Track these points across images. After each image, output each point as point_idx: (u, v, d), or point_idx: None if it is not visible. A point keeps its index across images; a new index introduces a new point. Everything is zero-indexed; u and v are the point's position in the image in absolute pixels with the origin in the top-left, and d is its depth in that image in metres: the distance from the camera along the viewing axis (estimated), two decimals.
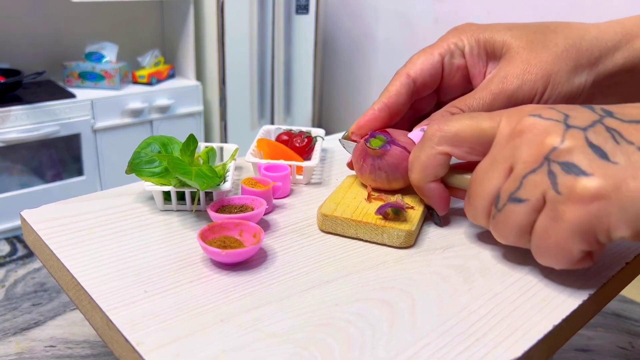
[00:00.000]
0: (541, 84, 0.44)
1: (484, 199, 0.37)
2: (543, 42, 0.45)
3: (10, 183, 1.58)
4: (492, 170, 0.36)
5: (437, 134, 0.40)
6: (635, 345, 1.23)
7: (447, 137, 0.39)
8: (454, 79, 0.49)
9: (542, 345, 0.33)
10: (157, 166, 0.46)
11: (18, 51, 1.73)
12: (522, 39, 0.45)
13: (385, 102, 0.47)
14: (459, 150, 0.39)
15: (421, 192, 0.43)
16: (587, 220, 0.32)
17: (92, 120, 1.64)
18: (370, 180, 0.46)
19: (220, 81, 1.88)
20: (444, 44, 0.48)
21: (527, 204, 0.34)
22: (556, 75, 0.44)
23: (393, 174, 0.45)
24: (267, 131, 0.60)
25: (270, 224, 0.45)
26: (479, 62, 0.47)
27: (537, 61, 0.44)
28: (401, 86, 0.47)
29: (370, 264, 0.39)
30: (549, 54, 0.44)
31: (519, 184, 0.34)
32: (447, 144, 0.39)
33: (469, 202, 0.39)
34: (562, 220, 0.32)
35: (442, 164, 0.40)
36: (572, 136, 0.33)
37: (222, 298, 0.34)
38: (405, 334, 0.32)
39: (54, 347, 1.13)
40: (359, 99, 2.29)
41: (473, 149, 0.39)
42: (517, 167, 0.35)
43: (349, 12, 2.24)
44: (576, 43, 0.44)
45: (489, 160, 0.37)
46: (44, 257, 0.41)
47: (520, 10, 1.71)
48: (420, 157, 0.41)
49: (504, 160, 0.36)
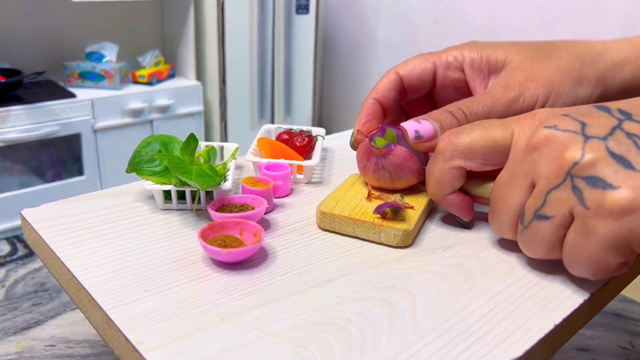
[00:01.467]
0: (543, 92, 0.43)
1: (508, 215, 0.37)
2: (547, 55, 0.45)
3: (11, 183, 1.58)
4: (512, 185, 0.36)
5: (449, 148, 0.39)
6: (636, 344, 1.23)
7: (460, 150, 0.39)
8: (447, 91, 0.49)
9: (543, 345, 0.32)
10: (157, 165, 0.46)
11: (18, 51, 1.73)
12: (526, 53, 0.45)
13: (374, 97, 0.48)
14: (473, 162, 0.39)
15: (441, 205, 0.42)
16: (620, 234, 0.31)
17: (93, 120, 1.64)
18: (374, 179, 0.46)
19: (220, 81, 1.88)
20: (443, 55, 0.48)
21: (554, 220, 0.33)
22: (559, 85, 0.43)
23: (397, 173, 0.45)
24: (268, 130, 0.60)
25: (271, 223, 0.44)
26: (479, 74, 0.47)
27: (540, 71, 0.44)
28: (389, 82, 0.48)
29: (370, 263, 0.39)
30: (552, 65, 0.44)
31: (543, 201, 0.34)
32: (460, 158, 0.39)
33: (493, 217, 0.38)
34: (594, 236, 0.32)
35: (457, 177, 0.40)
36: (592, 148, 0.32)
37: (223, 297, 0.34)
38: (406, 333, 0.32)
39: (54, 347, 1.13)
40: (359, 99, 2.29)
41: (487, 160, 0.38)
42: (540, 184, 0.34)
43: (349, 12, 2.24)
44: (581, 57, 0.44)
45: (507, 175, 0.36)
46: (44, 257, 0.41)
47: (520, 11, 1.71)
48: (434, 172, 0.40)
49: (524, 175, 0.35)
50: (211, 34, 1.84)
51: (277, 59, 2.00)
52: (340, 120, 2.41)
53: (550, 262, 0.40)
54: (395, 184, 0.46)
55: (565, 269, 0.36)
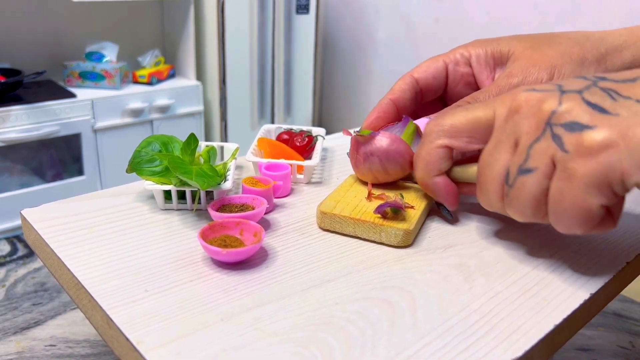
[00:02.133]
0: (546, 75, 0.44)
1: (494, 180, 0.37)
2: (547, 42, 0.46)
3: (11, 183, 1.58)
4: (497, 151, 0.37)
5: (434, 129, 0.40)
6: (636, 344, 1.23)
7: (444, 130, 0.40)
8: (458, 86, 0.50)
9: (543, 345, 0.32)
10: (157, 165, 0.46)
11: (18, 51, 1.73)
12: (527, 42, 0.47)
13: (390, 98, 0.49)
14: (458, 141, 0.40)
15: (428, 189, 0.43)
16: (599, 171, 0.31)
17: (93, 120, 1.64)
18: (367, 171, 0.46)
19: (220, 81, 1.88)
20: (450, 54, 0.50)
21: (537, 172, 0.34)
22: (561, 67, 0.44)
23: (387, 159, 0.45)
24: (268, 130, 0.60)
25: (271, 223, 0.45)
26: (486, 68, 0.49)
27: (541, 57, 0.45)
28: (404, 84, 0.49)
29: (370, 263, 0.39)
30: (553, 51, 0.45)
31: (526, 155, 0.34)
32: (445, 137, 0.40)
33: (480, 188, 0.39)
34: (575, 177, 0.32)
35: (444, 157, 0.41)
36: (568, 99, 0.33)
37: (223, 297, 0.34)
38: (406, 333, 0.32)
39: (54, 347, 1.13)
40: (359, 99, 2.29)
41: (472, 138, 0.39)
42: (521, 140, 0.35)
43: (350, 11, 2.24)
44: (580, 42, 0.46)
45: (492, 143, 0.37)
46: (44, 256, 0.41)
47: (520, 10, 1.71)
48: (421, 154, 0.42)
49: (507, 139, 0.36)
50: (211, 34, 1.84)
51: (277, 59, 2.00)
52: (340, 120, 2.41)
53: (550, 263, 0.40)
54: (389, 172, 0.46)
55: (565, 269, 0.36)
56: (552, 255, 0.41)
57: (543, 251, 0.41)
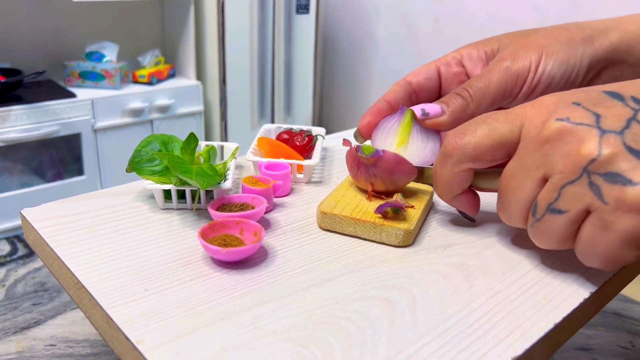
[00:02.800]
0: (535, 55, 0.45)
1: (518, 207, 0.36)
2: (533, 32, 0.48)
3: (11, 183, 1.58)
4: (523, 177, 0.35)
5: (456, 152, 0.38)
6: (636, 344, 1.23)
7: (467, 153, 0.38)
8: (452, 85, 0.51)
9: (543, 344, 0.32)
10: (157, 164, 0.46)
11: (18, 51, 1.73)
12: (515, 34, 0.48)
13: (385, 99, 0.50)
14: (482, 163, 0.38)
15: (450, 204, 0.42)
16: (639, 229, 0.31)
17: (93, 119, 1.64)
18: (368, 184, 0.45)
19: (220, 81, 1.88)
20: (442, 58, 0.51)
21: (568, 215, 0.33)
22: (549, 46, 0.45)
23: (389, 178, 0.44)
24: (268, 130, 0.60)
25: (271, 223, 0.45)
26: (478, 63, 0.50)
27: (528, 42, 0.46)
28: (398, 86, 0.50)
29: (370, 262, 0.39)
30: (539, 36, 0.46)
31: (557, 195, 0.33)
32: (469, 161, 0.38)
33: (502, 207, 0.38)
34: (612, 230, 0.32)
35: (467, 178, 0.40)
36: (609, 144, 0.32)
37: (223, 296, 0.34)
38: (406, 333, 0.32)
39: (55, 346, 1.13)
40: (359, 99, 2.29)
41: (495, 158, 0.38)
42: (554, 178, 0.34)
43: (350, 11, 2.24)
44: (565, 27, 0.47)
45: (517, 165, 0.36)
46: (44, 256, 0.41)
47: (520, 10, 1.71)
48: (443, 175, 0.40)
49: (536, 168, 0.35)
50: (211, 34, 1.84)
51: (277, 59, 2.00)
52: (340, 120, 2.41)
53: (550, 262, 0.40)
54: (388, 188, 0.45)
55: (565, 268, 0.36)
56: (552, 255, 0.41)
57: (543, 250, 0.41)
